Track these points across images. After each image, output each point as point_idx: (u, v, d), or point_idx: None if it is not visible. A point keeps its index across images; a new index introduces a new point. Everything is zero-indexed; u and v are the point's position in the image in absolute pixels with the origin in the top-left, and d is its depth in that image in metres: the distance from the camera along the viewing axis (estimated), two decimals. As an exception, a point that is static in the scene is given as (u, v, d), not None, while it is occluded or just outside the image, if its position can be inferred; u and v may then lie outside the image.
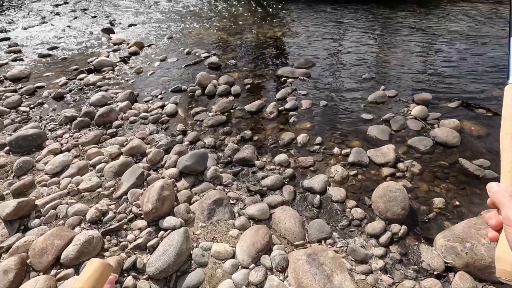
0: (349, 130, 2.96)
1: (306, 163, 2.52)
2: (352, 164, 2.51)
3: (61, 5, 8.09)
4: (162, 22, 6.48)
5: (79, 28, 6.21)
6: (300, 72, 4.02)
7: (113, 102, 3.47)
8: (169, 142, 2.68)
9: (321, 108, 3.30)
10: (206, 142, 2.80)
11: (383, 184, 2.15)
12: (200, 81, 3.79)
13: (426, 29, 5.60)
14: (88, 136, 2.79)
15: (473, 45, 4.84)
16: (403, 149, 2.67)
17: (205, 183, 2.27)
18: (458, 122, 2.85)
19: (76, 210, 1.98)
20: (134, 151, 2.60)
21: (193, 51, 4.92)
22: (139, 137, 2.86)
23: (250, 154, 2.56)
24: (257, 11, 7.17)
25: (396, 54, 4.61)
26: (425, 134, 2.83)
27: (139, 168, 2.27)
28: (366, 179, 2.38)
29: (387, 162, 2.46)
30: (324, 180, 2.28)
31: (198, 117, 3.23)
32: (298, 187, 2.32)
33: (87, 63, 4.50)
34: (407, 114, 3.14)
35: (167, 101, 3.53)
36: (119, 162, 2.41)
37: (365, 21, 6.19)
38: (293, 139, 2.83)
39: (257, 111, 3.28)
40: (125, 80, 4.10)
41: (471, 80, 3.77)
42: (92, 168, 2.45)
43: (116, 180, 2.32)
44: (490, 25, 5.70)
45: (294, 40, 5.29)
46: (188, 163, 2.26)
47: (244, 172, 2.47)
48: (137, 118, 3.17)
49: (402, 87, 3.67)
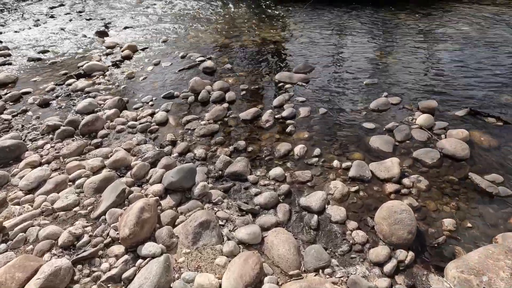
0: (350, 140, 2.77)
1: (303, 178, 2.32)
2: (353, 179, 2.31)
3: (56, 8, 7.95)
4: (158, 24, 6.32)
5: (72, 31, 6.05)
6: (299, 77, 3.84)
7: (101, 109, 3.29)
8: (156, 154, 2.49)
9: (320, 116, 3.11)
10: (196, 154, 2.61)
11: (387, 203, 1.95)
12: (193, 87, 3.61)
13: (428, 32, 5.42)
14: (70, 147, 2.61)
15: (479, 48, 4.65)
16: (408, 162, 2.47)
17: (193, 201, 2.08)
18: (467, 133, 2.66)
19: (48, 233, 1.79)
20: (118, 164, 2.42)
21: (188, 54, 4.75)
22: (125, 148, 2.67)
23: (243, 168, 2.37)
24: (255, 13, 7.00)
25: (398, 58, 4.42)
26: (432, 146, 2.64)
27: (121, 184, 2.08)
28: (368, 196, 2.19)
29: (391, 178, 2.26)
30: (323, 198, 2.08)
31: (189, 125, 3.04)
32: (294, 205, 2.13)
33: (77, 68, 4.33)
34: (411, 123, 2.95)
35: (158, 108, 3.35)
36: (101, 177, 2.22)
37: (366, 24, 6.00)
38: (289, 150, 2.64)
39: (252, 119, 3.10)
40: (115, 85, 3.92)
41: (478, 86, 3.58)
42: (71, 183, 2.27)
43: (96, 197, 2.14)
44: (496, 28, 5.51)
45: (293, 44, 5.11)
46: (174, 179, 2.07)
47: (235, 188, 2.28)
48: (125, 127, 2.99)
49: (405, 93, 3.48)
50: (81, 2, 8.37)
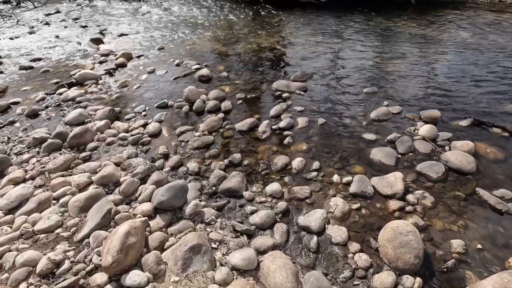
0: (350, 152, 2.65)
1: (302, 194, 2.20)
2: (354, 195, 2.19)
3: (52, 15, 7.87)
4: (154, 31, 6.24)
5: (67, 38, 5.96)
6: (296, 85, 3.74)
7: (91, 120, 3.17)
8: (147, 169, 2.36)
9: (318, 127, 3.00)
10: (189, 168, 2.49)
11: (391, 223, 1.82)
12: (188, 96, 3.50)
13: (428, 39, 5.35)
14: (56, 162, 2.48)
15: (479, 55, 4.57)
16: (412, 176, 2.35)
17: (184, 221, 1.95)
18: (472, 145, 2.55)
19: (25, 259, 1.65)
20: (106, 180, 2.28)
21: (183, 62, 4.65)
22: (115, 162, 2.55)
23: (238, 184, 2.24)
24: (253, 20, 6.94)
25: (398, 65, 4.33)
26: (436, 158, 2.52)
27: (107, 204, 1.95)
28: (371, 214, 2.06)
29: (395, 194, 2.14)
30: (323, 217, 1.95)
31: (183, 137, 2.92)
32: (292, 225, 2.00)
33: (69, 76, 4.22)
34: (414, 133, 2.83)
35: (150, 118, 3.23)
36: (86, 195, 2.09)
37: (364, 31, 5.94)
38: (287, 164, 2.52)
39: (248, 130, 2.98)
40: (108, 94, 3.80)
41: (480, 94, 3.49)
42: (56, 201, 2.13)
43: (81, 217, 2.00)
44: (496, 34, 5.45)
45: (291, 51, 5.03)
46: (164, 198, 1.94)
47: (230, 206, 2.15)
48: (116, 139, 2.87)
49: (406, 102, 3.38)
50: (77, 9, 8.31)
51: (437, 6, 7.54)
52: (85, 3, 8.89)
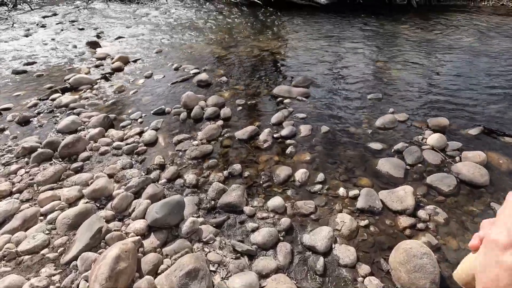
0: (356, 163, 2.52)
1: (306, 210, 2.07)
2: (361, 211, 2.06)
3: (49, 17, 7.74)
4: (152, 35, 6.12)
5: (63, 41, 5.83)
6: (298, 91, 3.61)
7: (85, 128, 3.03)
8: (141, 182, 2.22)
9: (322, 135, 2.87)
10: (186, 180, 2.35)
11: (404, 244, 1.69)
12: (186, 102, 3.37)
13: (431, 43, 5.25)
14: (46, 173, 2.34)
15: (484, 60, 4.47)
16: (422, 189, 2.22)
17: (180, 240, 1.81)
18: (484, 156, 2.42)
19: (6, 285, 1.51)
20: (97, 194, 2.15)
21: (181, 66, 4.53)
22: (108, 173, 2.41)
23: (238, 198, 2.11)
24: (253, 23, 6.83)
25: (401, 70, 4.22)
26: (446, 170, 2.40)
27: (97, 222, 1.81)
28: (380, 232, 1.93)
29: (405, 210, 2.01)
30: (329, 236, 1.82)
31: (180, 146, 2.79)
32: (296, 244, 1.86)
33: (64, 81, 4.08)
34: (422, 143, 2.71)
35: (147, 126, 3.10)
36: (76, 211, 1.95)
37: (365, 35, 5.84)
38: (290, 175, 2.39)
39: (249, 138, 2.85)
40: (103, 100, 3.67)
41: (488, 100, 3.37)
42: (43, 217, 1.99)
43: (69, 236, 1.87)
44: (500, 38, 5.35)
45: (291, 55, 4.91)
46: (158, 215, 1.81)
47: (230, 222, 2.02)
48: (109, 149, 2.73)
49: (412, 109, 3.26)
50: (74, 12, 8.19)
51: (438, 9, 7.46)
52: (83, 5, 8.78)
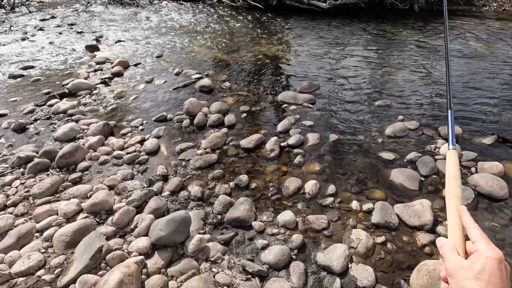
0: (368, 174, 2.42)
1: (319, 225, 1.96)
2: (377, 226, 1.95)
3: (47, 20, 7.63)
4: (153, 38, 6.02)
5: (61, 45, 5.71)
6: (304, 98, 3.52)
7: (84, 136, 2.92)
8: (144, 195, 2.11)
9: (331, 144, 2.77)
10: (191, 192, 2.24)
11: (425, 264, 1.59)
12: (188, 109, 3.26)
13: (435, 48, 5.18)
14: (42, 185, 2.22)
15: (491, 65, 4.40)
16: (439, 203, 2.12)
17: (186, 259, 1.70)
18: (501, 167, 2.33)
19: (-2, 312, 1.39)
20: (97, 208, 2.03)
21: (183, 71, 4.43)
22: (108, 185, 2.29)
23: (246, 213, 1.99)
24: (254, 27, 6.75)
25: (407, 76, 4.14)
26: (463, 182, 2.30)
27: (98, 240, 1.69)
28: (398, 249, 1.82)
29: (423, 225, 1.91)
30: (345, 255, 1.71)
31: (184, 155, 2.68)
32: (309, 263, 1.75)
33: (62, 86, 3.97)
34: (435, 152, 2.62)
35: (148, 133, 2.98)
36: (74, 227, 1.83)
37: (369, 39, 5.77)
38: (299, 187, 2.28)
39: (255, 147, 2.74)
40: (103, 106, 3.56)
41: (501, 108, 3.29)
42: (39, 234, 1.87)
43: (67, 254, 1.74)
44: (504, 43, 5.30)
45: (295, 60, 4.83)
46: (163, 233, 1.69)
47: (238, 239, 1.90)
48: (110, 158, 2.61)
49: (422, 116, 3.17)
50: (73, 15, 8.09)
51: (440, 14, 7.42)
52: (82, 9, 8.68)
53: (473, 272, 0.48)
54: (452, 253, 0.53)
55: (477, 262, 0.48)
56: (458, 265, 0.50)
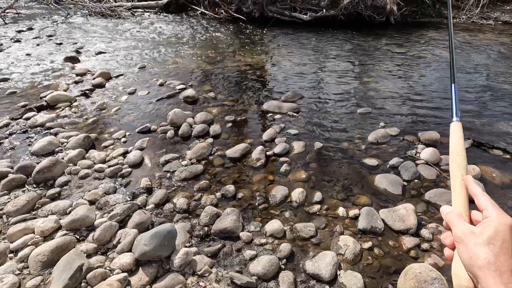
0: (353, 180, 2.46)
1: (306, 233, 1.95)
2: (363, 232, 1.97)
3: (24, 31, 7.42)
4: (135, 50, 5.97)
5: (39, 57, 5.55)
6: (289, 106, 3.56)
7: (63, 149, 2.81)
8: (127, 209, 2.04)
9: (316, 152, 2.81)
10: (176, 204, 2.19)
11: (411, 268, 1.61)
12: (172, 119, 3.23)
13: (411, 58, 5.43)
14: (17, 202, 2.11)
15: (463, 74, 4.64)
16: (422, 206, 2.18)
17: (172, 274, 1.64)
18: (478, 169, 2.43)
19: None
20: (77, 225, 1.94)
21: (167, 82, 4.39)
22: (89, 200, 2.21)
23: (234, 224, 1.97)
24: (238, 39, 6.84)
25: (386, 84, 4.29)
26: (443, 185, 2.38)
27: (77, 258, 1.61)
28: (384, 254, 1.84)
29: (408, 229, 1.94)
30: (333, 262, 1.71)
31: (168, 166, 2.63)
32: (299, 272, 1.74)
33: (40, 98, 3.83)
34: (415, 157, 2.70)
35: (131, 145, 2.92)
36: (52, 246, 1.74)
37: (349, 50, 5.97)
38: (286, 196, 2.28)
39: (241, 157, 2.73)
40: (83, 119, 3.46)
41: (473, 114, 3.46)
42: (13, 255, 1.76)
43: (44, 275, 1.65)
44: (474, 53, 5.63)
45: (279, 70, 4.91)
46: (147, 248, 1.63)
47: (226, 250, 1.86)
48: (91, 171, 2.52)
49: (402, 123, 3.28)
50: (52, 26, 7.91)
51: (415, 26, 7.82)
52: (61, 20, 8.52)
53: (484, 237, 0.46)
54: (460, 219, 0.52)
55: (488, 228, 0.47)
56: (468, 231, 0.49)
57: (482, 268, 0.45)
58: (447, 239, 0.55)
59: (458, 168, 0.60)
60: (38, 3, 11.16)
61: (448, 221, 0.54)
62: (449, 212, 0.55)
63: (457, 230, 0.51)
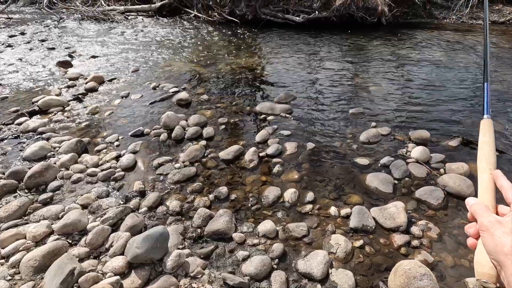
0: (344, 180, 2.48)
1: (299, 233, 1.97)
2: (355, 230, 2.00)
3: (16, 36, 7.37)
4: (128, 53, 5.96)
5: (31, 61, 5.52)
6: (281, 108, 3.59)
7: (55, 154, 2.80)
8: (119, 212, 2.04)
9: (308, 152, 2.83)
10: (170, 207, 2.19)
11: (401, 265, 1.63)
12: (166, 122, 3.23)
13: (402, 57, 5.50)
14: (8, 208, 2.09)
15: (453, 72, 4.72)
16: (412, 204, 2.21)
17: (165, 276, 1.65)
18: (467, 167, 2.48)
19: None
20: (69, 229, 1.94)
21: (160, 85, 4.40)
22: (82, 204, 2.20)
23: (226, 225, 1.98)
24: (231, 41, 6.87)
25: (378, 84, 4.35)
26: (433, 182, 2.41)
27: (69, 262, 1.61)
28: (375, 252, 1.87)
29: (398, 227, 1.97)
30: (325, 261, 1.73)
31: (161, 169, 2.63)
32: (291, 272, 1.75)
33: (32, 103, 3.82)
34: (406, 156, 2.74)
35: (124, 149, 2.91)
36: (44, 250, 1.73)
37: (341, 51, 6.03)
38: (279, 196, 2.30)
39: (234, 158, 2.75)
40: (76, 123, 3.44)
41: (462, 112, 3.51)
42: (5, 260, 1.75)
43: (36, 280, 1.64)
44: (463, 52, 5.71)
45: (272, 71, 4.94)
46: (140, 250, 1.64)
47: (218, 252, 1.87)
48: (83, 176, 2.52)
49: (393, 122, 3.32)
50: (45, 31, 7.87)
51: (406, 26, 7.92)
52: (54, 24, 8.48)
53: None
54: (487, 210, 0.54)
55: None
56: (495, 220, 0.51)
57: (508, 255, 0.47)
58: (471, 229, 0.56)
59: (487, 162, 0.62)
60: (30, 7, 11.10)
61: (473, 212, 0.56)
62: (474, 203, 0.57)
63: (483, 219, 0.52)
